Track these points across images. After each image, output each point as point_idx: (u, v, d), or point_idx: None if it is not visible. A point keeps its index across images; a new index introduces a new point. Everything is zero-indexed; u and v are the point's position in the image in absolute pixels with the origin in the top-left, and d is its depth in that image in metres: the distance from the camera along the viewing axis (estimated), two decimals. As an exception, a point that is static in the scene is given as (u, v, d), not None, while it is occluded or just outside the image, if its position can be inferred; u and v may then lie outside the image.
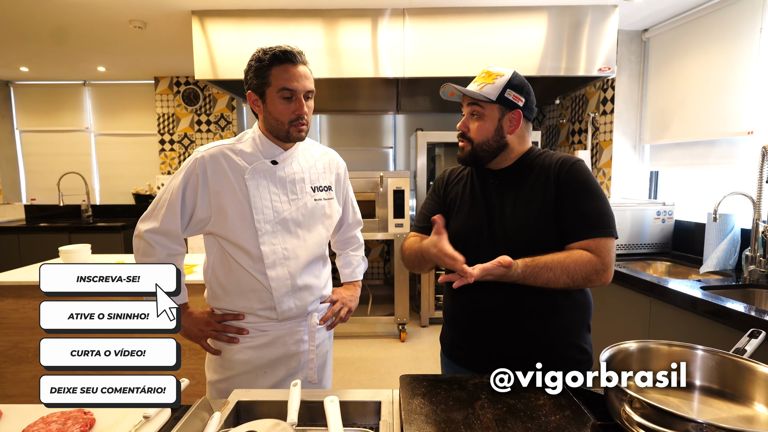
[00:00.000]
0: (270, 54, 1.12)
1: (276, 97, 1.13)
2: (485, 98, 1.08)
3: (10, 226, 4.18)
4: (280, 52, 1.12)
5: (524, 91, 1.10)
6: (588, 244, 1.03)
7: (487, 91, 1.08)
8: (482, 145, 1.11)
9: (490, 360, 1.07)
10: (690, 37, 2.67)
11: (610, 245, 1.03)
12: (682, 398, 0.81)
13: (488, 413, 0.78)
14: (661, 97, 2.92)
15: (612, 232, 1.04)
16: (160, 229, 1.18)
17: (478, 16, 2.79)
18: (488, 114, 1.10)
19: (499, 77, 1.09)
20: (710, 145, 2.56)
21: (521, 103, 1.09)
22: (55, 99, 4.74)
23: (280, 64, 1.12)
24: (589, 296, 1.16)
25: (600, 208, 1.05)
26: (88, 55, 3.73)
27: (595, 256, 1.01)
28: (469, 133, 1.13)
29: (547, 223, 1.06)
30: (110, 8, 2.67)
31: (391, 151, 4.68)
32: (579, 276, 1.00)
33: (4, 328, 2.08)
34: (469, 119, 1.13)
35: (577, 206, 1.05)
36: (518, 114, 1.10)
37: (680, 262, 2.41)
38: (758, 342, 0.87)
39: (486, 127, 1.10)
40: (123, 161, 4.78)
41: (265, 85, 1.14)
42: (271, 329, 1.24)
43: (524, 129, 1.14)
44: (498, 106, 1.09)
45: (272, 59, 1.12)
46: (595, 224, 1.03)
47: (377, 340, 3.56)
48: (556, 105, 3.85)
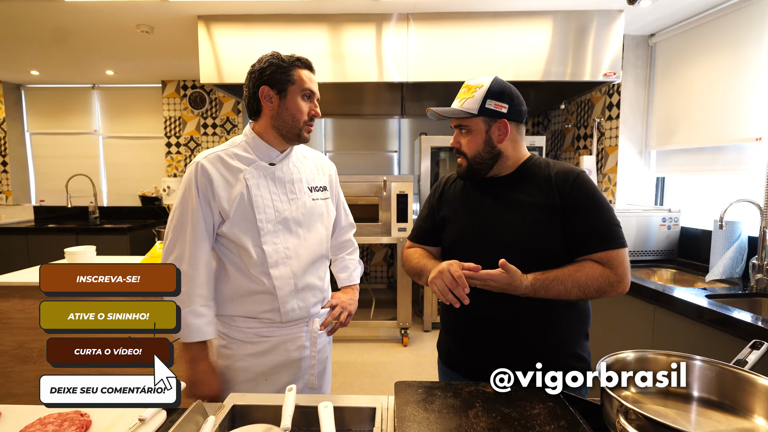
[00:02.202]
0: (293, 57, 1.20)
1: (298, 95, 1.19)
2: (467, 114, 1.09)
3: (19, 227, 4.23)
4: (304, 58, 1.22)
5: (506, 97, 1.09)
6: (600, 257, 1.02)
7: (468, 106, 1.09)
8: (475, 158, 1.12)
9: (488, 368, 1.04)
10: (697, 42, 2.65)
11: (623, 256, 1.02)
12: (680, 410, 0.80)
13: (482, 422, 0.78)
14: (668, 103, 2.89)
15: (622, 242, 1.04)
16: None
17: (482, 21, 2.79)
18: (474, 128, 1.11)
19: (478, 89, 1.09)
20: (717, 151, 2.53)
21: (505, 110, 1.09)
22: (65, 102, 4.80)
23: (303, 68, 1.20)
24: (589, 304, 1.15)
25: (608, 219, 1.04)
26: (97, 59, 3.78)
27: (607, 269, 1.01)
28: (462, 148, 1.14)
29: (550, 233, 1.05)
30: (118, 13, 2.70)
31: (395, 155, 4.68)
32: (591, 289, 1.00)
33: (10, 328, 2.10)
34: (459, 135, 1.15)
35: (587, 220, 1.04)
36: (504, 123, 1.09)
37: (686, 269, 2.38)
38: (760, 353, 0.86)
39: (475, 140, 1.11)
40: (130, 164, 4.83)
41: (288, 82, 1.18)
42: (272, 335, 1.23)
43: (516, 134, 1.13)
44: (482, 118, 1.09)
45: (296, 61, 1.20)
46: (604, 237, 1.03)
47: (379, 345, 3.55)
48: (561, 110, 3.83)
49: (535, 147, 3.46)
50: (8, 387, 2.13)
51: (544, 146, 3.46)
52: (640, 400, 0.78)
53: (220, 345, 1.24)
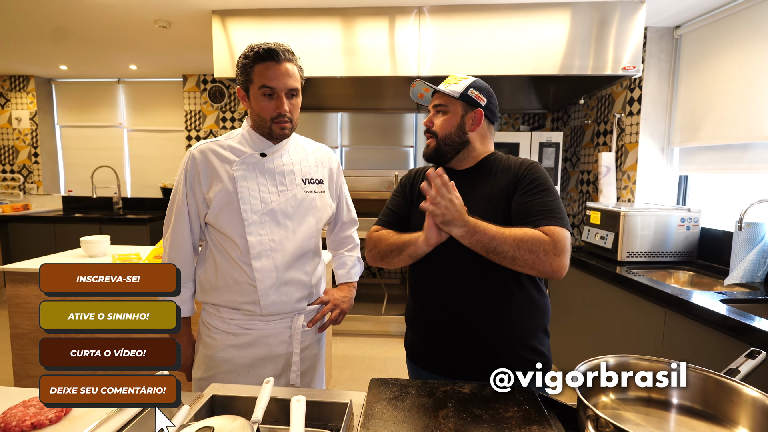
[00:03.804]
0: (254, 51, 1.14)
1: (257, 94, 1.16)
2: (449, 94, 1.15)
3: (48, 216, 4.41)
4: (263, 50, 1.13)
5: (486, 92, 1.18)
6: (542, 230, 1.01)
7: (452, 89, 1.16)
8: (445, 139, 1.17)
9: (448, 361, 1.12)
10: (725, 33, 2.51)
11: (564, 234, 1.01)
12: (660, 418, 0.76)
13: (450, 422, 0.76)
14: (693, 98, 2.76)
15: (565, 224, 1.03)
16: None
17: (497, 13, 2.72)
18: (452, 110, 1.17)
19: (463, 80, 1.18)
20: (744, 149, 2.40)
21: (483, 103, 1.16)
22: (92, 96, 4.97)
23: (262, 62, 1.14)
24: (547, 300, 1.17)
25: (555, 203, 1.06)
26: (121, 53, 3.89)
27: (547, 236, 0.99)
28: (433, 127, 1.19)
29: (507, 219, 1.08)
30: (135, 9, 2.77)
31: (411, 150, 4.65)
32: (524, 247, 0.98)
33: (28, 313, 2.20)
34: (435, 116, 1.19)
35: (534, 197, 1.06)
36: (480, 113, 1.16)
37: (705, 272, 2.27)
38: (755, 363, 0.81)
39: (449, 121, 1.16)
40: (152, 156, 4.97)
41: (248, 81, 1.16)
42: (254, 328, 1.24)
43: (486, 130, 1.19)
44: (461, 103, 1.16)
45: (255, 57, 1.14)
46: (548, 214, 1.03)
47: (389, 340, 3.55)
48: (580, 105, 3.71)
49: (551, 143, 3.37)
50: (26, 368, 2.23)
51: (561, 142, 3.37)
52: (618, 407, 0.75)
53: (205, 333, 1.26)
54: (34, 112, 4.85)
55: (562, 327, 2.74)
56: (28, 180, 4.96)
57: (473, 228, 0.98)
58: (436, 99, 1.19)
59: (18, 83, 4.83)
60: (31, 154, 4.92)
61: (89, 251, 2.37)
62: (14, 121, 4.88)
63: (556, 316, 2.72)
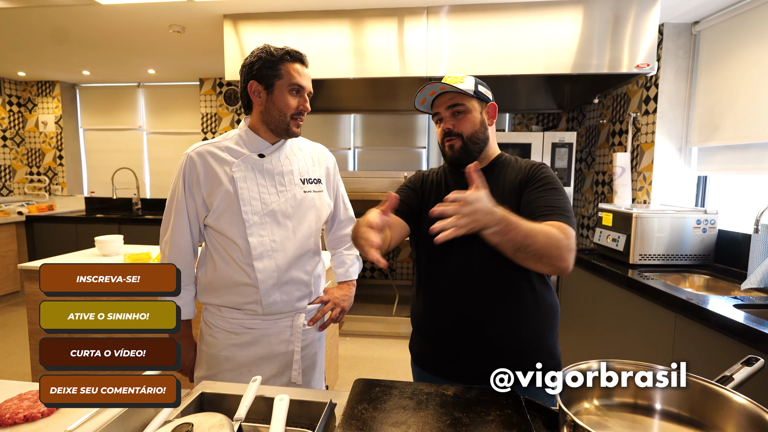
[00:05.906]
0: (283, 50, 1.19)
1: (285, 90, 1.19)
2: (466, 92, 1.10)
3: (71, 216, 4.57)
4: (293, 51, 1.21)
5: (488, 89, 1.18)
6: (553, 225, 0.97)
7: (465, 87, 1.11)
8: (472, 138, 1.13)
9: (458, 365, 1.08)
10: (746, 29, 2.42)
11: (572, 232, 0.98)
12: (644, 425, 0.73)
13: (428, 425, 0.75)
14: (712, 95, 2.67)
15: (573, 222, 1.01)
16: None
17: (508, 12, 2.69)
18: (471, 107, 1.13)
19: (466, 78, 1.13)
20: (766, 148, 2.31)
21: (491, 97, 1.16)
22: (114, 99, 5.13)
23: (292, 62, 1.20)
24: (556, 299, 1.14)
25: (562, 201, 1.04)
26: (139, 58, 3.99)
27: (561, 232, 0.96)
28: (456, 129, 1.13)
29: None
30: (150, 14, 2.84)
31: (424, 151, 4.63)
32: (553, 240, 0.91)
33: (45, 309, 2.27)
34: (452, 118, 1.14)
35: (540, 195, 1.05)
36: (494, 106, 1.15)
37: (721, 276, 2.19)
38: (751, 371, 0.77)
39: (472, 120, 1.13)
40: (170, 158, 5.08)
41: (275, 77, 1.18)
42: (255, 327, 1.25)
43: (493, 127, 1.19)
44: (476, 99, 1.14)
45: (285, 54, 1.19)
46: (556, 210, 1.01)
47: (399, 341, 3.54)
48: (595, 104, 3.63)
49: (564, 143, 3.30)
50: (43, 363, 2.30)
51: (574, 142, 3.29)
52: (601, 413, 0.72)
53: (206, 332, 1.28)
54: (59, 116, 5.03)
55: (572, 330, 2.68)
56: (54, 181, 5.15)
57: (506, 227, 0.87)
58: (449, 101, 1.12)
59: (44, 88, 5.02)
60: (56, 157, 5.10)
61: (103, 250, 2.44)
62: (41, 125, 5.07)
63: (566, 318, 2.66)
